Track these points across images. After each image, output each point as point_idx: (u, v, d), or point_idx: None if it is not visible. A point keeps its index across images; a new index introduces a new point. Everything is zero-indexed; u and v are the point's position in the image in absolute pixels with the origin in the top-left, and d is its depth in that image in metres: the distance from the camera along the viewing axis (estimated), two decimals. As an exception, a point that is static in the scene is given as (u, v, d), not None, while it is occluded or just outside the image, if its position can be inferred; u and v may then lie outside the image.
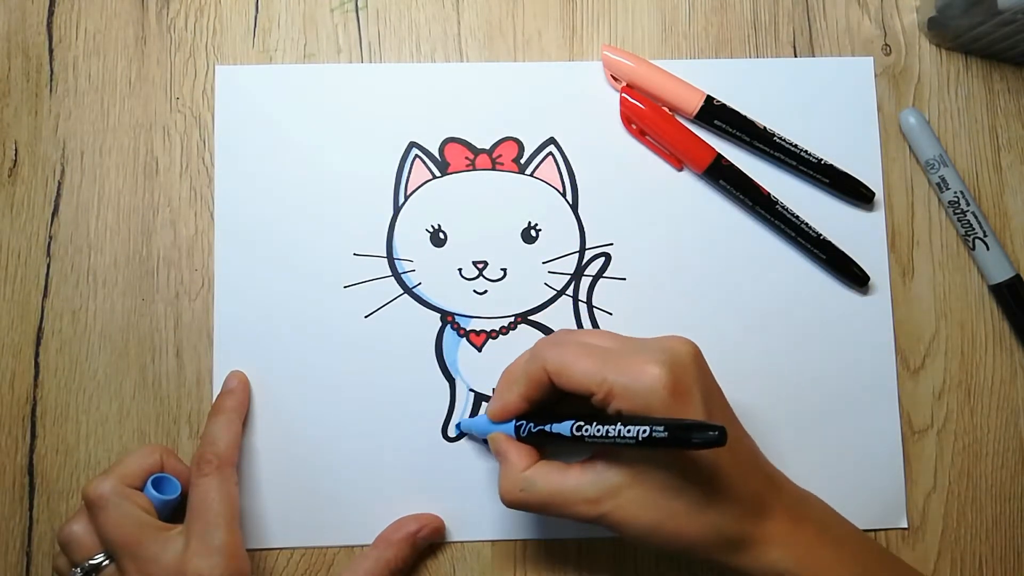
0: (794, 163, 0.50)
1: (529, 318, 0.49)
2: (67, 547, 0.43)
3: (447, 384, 0.49)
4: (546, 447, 0.44)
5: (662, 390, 0.39)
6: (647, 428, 0.37)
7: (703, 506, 0.39)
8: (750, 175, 0.49)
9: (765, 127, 0.50)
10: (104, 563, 0.42)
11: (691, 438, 0.36)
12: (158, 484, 0.45)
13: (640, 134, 0.50)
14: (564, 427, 0.41)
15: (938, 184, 0.50)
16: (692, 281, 0.50)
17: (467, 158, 0.50)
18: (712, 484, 0.39)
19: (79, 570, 0.42)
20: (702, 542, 0.40)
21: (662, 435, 0.37)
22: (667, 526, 0.40)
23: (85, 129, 0.50)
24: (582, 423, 0.40)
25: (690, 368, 0.40)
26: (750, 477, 0.41)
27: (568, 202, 0.50)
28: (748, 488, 0.41)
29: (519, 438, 0.43)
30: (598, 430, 0.39)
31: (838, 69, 0.51)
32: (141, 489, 0.44)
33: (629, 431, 0.38)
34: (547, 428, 0.42)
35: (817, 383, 0.49)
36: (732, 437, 0.37)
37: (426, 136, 0.50)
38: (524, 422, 0.43)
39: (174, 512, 0.45)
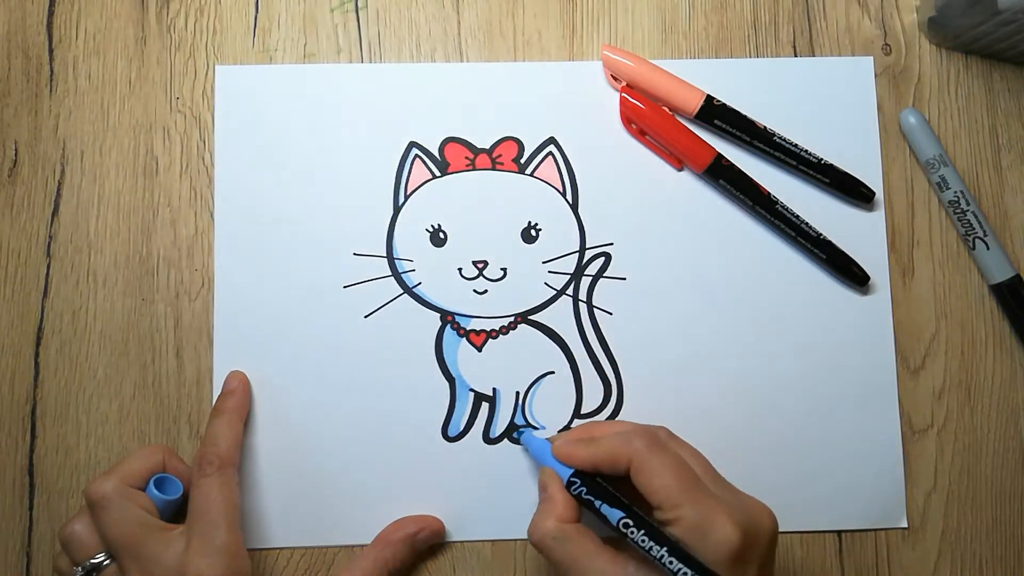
0: (794, 163, 0.50)
1: (529, 318, 0.49)
2: (68, 546, 0.43)
3: (447, 384, 0.49)
4: (587, 509, 0.43)
5: (727, 552, 0.38)
6: (690, 574, 0.37)
7: None
8: (750, 175, 0.49)
9: (765, 127, 0.50)
10: (105, 563, 0.42)
11: None
12: (160, 484, 0.45)
13: (640, 134, 0.50)
14: (613, 515, 0.40)
15: (938, 184, 0.50)
16: (692, 281, 0.50)
17: (467, 158, 0.50)
18: None
19: (80, 570, 0.43)
20: None
21: None
22: None
23: (85, 129, 0.50)
24: (630, 521, 0.40)
25: (762, 543, 0.40)
26: None
27: (568, 202, 0.50)
28: None
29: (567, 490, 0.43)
30: (643, 541, 0.39)
31: (838, 69, 0.51)
32: (143, 489, 0.44)
33: (672, 564, 0.38)
34: (597, 504, 0.41)
35: (817, 383, 0.49)
36: None
37: (426, 136, 0.50)
38: (579, 482, 0.42)
39: (176, 512, 0.45)
